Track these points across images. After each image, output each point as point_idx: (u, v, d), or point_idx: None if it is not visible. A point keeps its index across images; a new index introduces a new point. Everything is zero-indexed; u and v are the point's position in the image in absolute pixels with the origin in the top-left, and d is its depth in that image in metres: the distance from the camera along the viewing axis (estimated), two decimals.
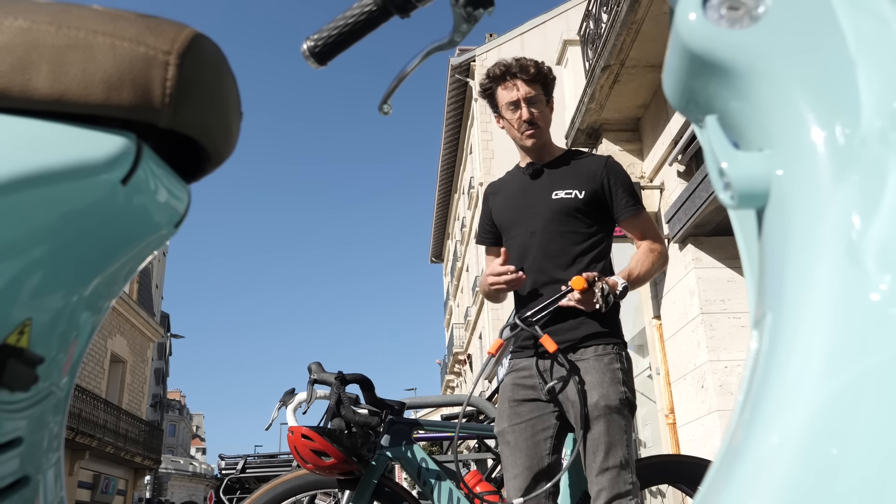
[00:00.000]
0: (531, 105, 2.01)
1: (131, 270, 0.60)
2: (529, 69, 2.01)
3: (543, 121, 2.05)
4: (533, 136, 2.03)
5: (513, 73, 2.02)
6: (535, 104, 2.02)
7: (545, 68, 2.05)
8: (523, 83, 2.01)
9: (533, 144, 2.05)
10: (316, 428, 2.22)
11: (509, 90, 2.02)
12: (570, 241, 1.97)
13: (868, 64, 0.45)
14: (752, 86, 0.48)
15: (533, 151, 2.09)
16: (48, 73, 0.50)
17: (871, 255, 0.40)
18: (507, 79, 2.02)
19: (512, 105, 2.03)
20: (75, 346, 0.58)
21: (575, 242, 1.96)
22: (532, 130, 2.03)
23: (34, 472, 0.55)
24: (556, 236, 1.97)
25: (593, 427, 1.82)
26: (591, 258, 1.97)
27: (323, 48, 0.84)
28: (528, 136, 2.03)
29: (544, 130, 2.06)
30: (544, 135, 2.07)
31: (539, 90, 2.03)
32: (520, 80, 2.01)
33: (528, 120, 2.01)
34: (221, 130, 0.60)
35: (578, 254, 1.96)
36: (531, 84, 2.01)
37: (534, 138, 2.04)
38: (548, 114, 2.07)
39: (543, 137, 2.07)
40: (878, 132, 0.43)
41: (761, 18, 0.48)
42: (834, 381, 0.38)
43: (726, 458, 0.44)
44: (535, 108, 2.02)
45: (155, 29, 0.53)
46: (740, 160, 0.48)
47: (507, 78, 2.02)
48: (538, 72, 2.02)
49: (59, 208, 0.51)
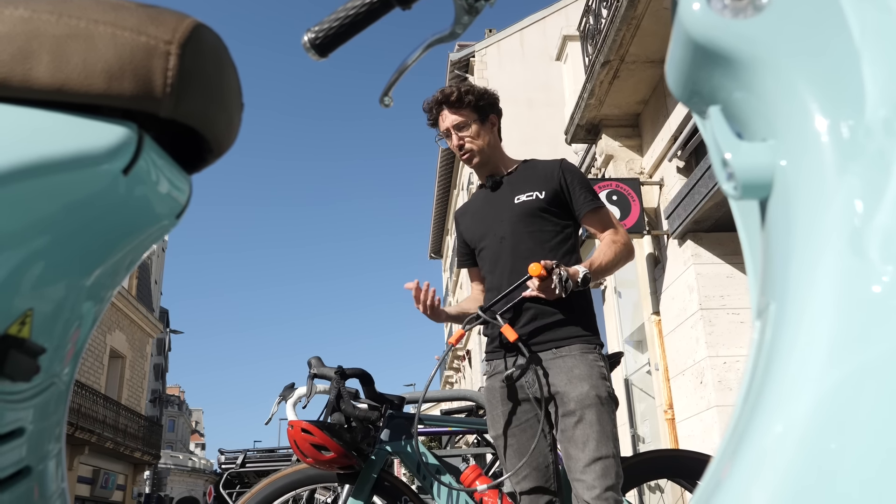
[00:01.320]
0: (459, 130, 2.08)
1: (133, 261, 0.60)
2: (451, 97, 2.08)
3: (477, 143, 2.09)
4: (468, 161, 2.12)
5: (439, 102, 2.09)
6: (462, 129, 2.08)
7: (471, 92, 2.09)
8: (449, 112, 2.08)
9: (474, 165, 2.13)
10: (316, 422, 2.23)
11: (441, 121, 2.11)
12: (539, 240, 2.01)
13: (872, 54, 0.44)
14: (755, 76, 0.48)
15: (482, 169, 2.16)
16: (49, 62, 0.50)
17: (874, 246, 0.40)
18: (436, 111, 2.11)
19: (445, 134, 2.11)
20: (77, 336, 0.58)
21: (543, 241, 2.01)
22: (466, 156, 2.10)
23: (36, 463, 0.55)
24: (524, 237, 2.02)
25: (584, 417, 1.82)
26: (561, 254, 2.01)
27: (324, 40, 0.84)
28: (466, 161, 2.12)
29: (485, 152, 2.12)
30: (487, 155, 2.12)
31: (468, 114, 2.08)
32: (445, 110, 2.09)
33: (458, 146, 2.09)
34: (223, 121, 0.59)
35: (548, 251, 2.00)
36: (457, 111, 2.07)
37: (470, 161, 2.12)
38: (485, 133, 2.11)
39: (486, 157, 2.12)
40: (882, 122, 0.43)
41: (765, 8, 0.47)
42: (837, 371, 0.38)
43: (729, 447, 0.44)
44: (465, 133, 2.08)
45: (156, 18, 0.53)
46: (744, 151, 0.48)
47: (435, 110, 2.11)
48: (460, 97, 2.07)
49: (60, 198, 0.50)
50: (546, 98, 15.20)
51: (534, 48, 16.90)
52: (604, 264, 1.97)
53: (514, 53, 16.97)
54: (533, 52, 16.80)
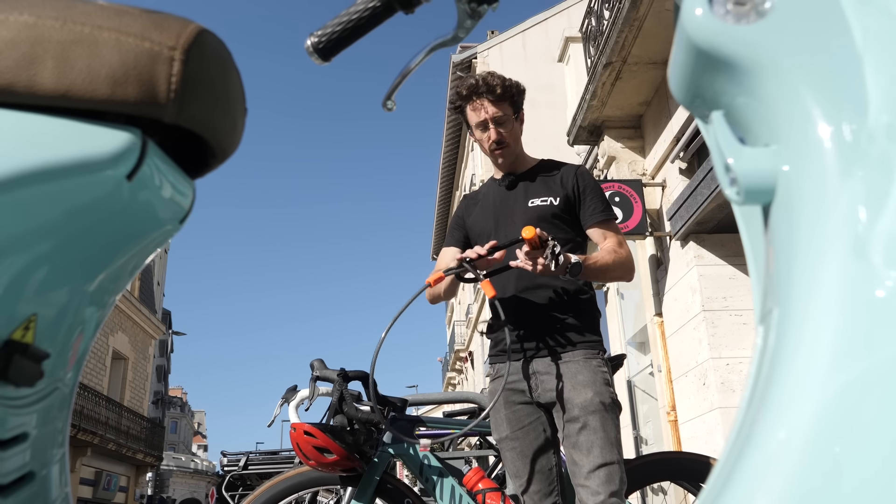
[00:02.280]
0: (499, 125, 2.03)
1: (136, 266, 0.60)
2: (496, 89, 2.02)
3: (512, 138, 2.07)
4: (503, 155, 2.08)
5: (480, 92, 2.03)
6: (502, 124, 2.04)
7: (512, 85, 2.06)
8: (490, 103, 2.02)
9: (503, 162, 2.10)
10: (318, 425, 2.23)
11: (477, 111, 2.04)
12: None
13: (875, 59, 0.44)
14: (758, 81, 0.48)
15: (505, 166, 2.13)
16: (53, 68, 0.50)
17: (878, 251, 0.40)
18: (475, 98, 2.04)
19: (480, 125, 2.05)
20: (80, 341, 0.58)
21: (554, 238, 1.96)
22: (501, 150, 2.06)
23: (39, 468, 0.55)
24: None
25: (589, 423, 1.81)
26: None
27: (327, 44, 0.84)
28: (498, 156, 2.07)
29: (513, 147, 2.09)
30: (514, 151, 2.10)
31: (507, 108, 2.04)
32: (486, 99, 2.02)
33: (496, 140, 2.04)
34: (226, 126, 0.59)
35: None
36: (498, 104, 2.02)
37: (504, 157, 2.08)
38: (517, 129, 2.10)
39: (514, 153, 2.10)
40: (885, 127, 0.43)
41: (768, 14, 0.48)
42: (841, 377, 0.38)
43: (733, 453, 0.44)
44: (503, 128, 2.04)
45: (160, 24, 0.53)
46: (746, 156, 0.48)
47: (475, 98, 2.04)
48: (505, 91, 2.03)
49: (65, 204, 0.51)
50: (548, 99, 15.19)
51: (536, 50, 16.90)
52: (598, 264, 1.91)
53: (516, 55, 16.97)
54: (535, 54, 16.80)
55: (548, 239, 1.75)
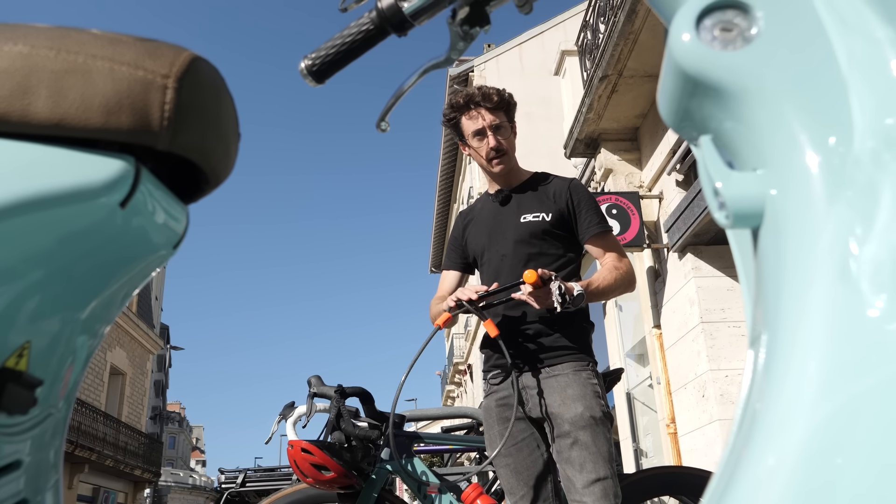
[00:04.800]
0: (496, 133, 2.04)
1: (128, 294, 0.60)
2: (493, 97, 2.04)
3: (509, 147, 2.08)
4: (501, 164, 2.07)
5: (476, 101, 2.04)
6: (499, 131, 2.05)
7: (507, 95, 2.08)
8: (487, 111, 2.03)
9: (501, 171, 2.09)
10: (316, 441, 2.22)
11: (474, 119, 2.05)
12: (540, 263, 1.97)
13: (860, 84, 0.45)
14: (745, 106, 0.49)
15: (501, 178, 2.12)
16: (47, 97, 0.50)
17: (865, 276, 0.40)
18: (471, 108, 2.05)
19: (478, 134, 2.05)
20: (71, 371, 0.58)
21: (544, 264, 1.97)
22: (499, 158, 2.06)
23: (33, 495, 0.55)
24: (525, 258, 1.99)
25: (579, 438, 1.81)
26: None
27: (321, 67, 0.84)
28: (497, 164, 2.07)
29: (511, 156, 2.10)
30: (511, 160, 2.10)
31: (503, 117, 2.05)
32: (483, 108, 2.03)
33: (495, 147, 2.04)
34: (220, 152, 0.60)
35: None
36: (495, 112, 2.04)
37: (502, 165, 2.07)
38: (512, 140, 2.11)
39: (511, 163, 2.10)
40: (870, 152, 0.43)
41: (754, 40, 0.48)
42: (829, 403, 0.38)
43: (723, 476, 0.44)
44: (501, 136, 2.05)
45: (153, 53, 0.54)
46: (734, 180, 0.48)
47: (471, 107, 2.05)
48: (500, 99, 2.05)
49: (58, 231, 0.51)
50: (545, 112, 15.25)
51: (532, 63, 16.99)
52: (601, 287, 1.92)
53: (512, 68, 17.05)
54: (531, 67, 16.88)
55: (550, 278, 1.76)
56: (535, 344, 1.93)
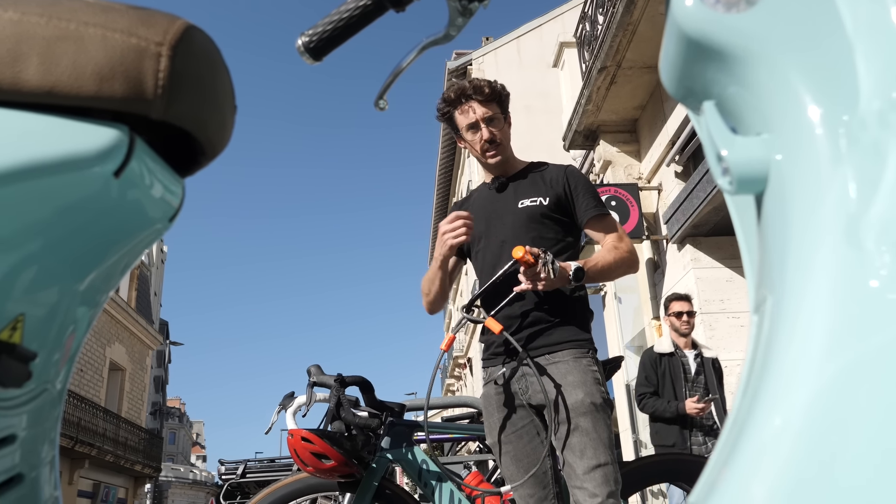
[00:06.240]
0: (489, 124, 2.04)
1: (127, 265, 0.59)
2: (484, 89, 2.04)
3: (503, 138, 2.08)
4: (496, 155, 2.07)
5: (468, 95, 2.04)
6: (493, 123, 2.05)
7: (499, 87, 2.08)
8: (479, 104, 2.03)
9: (496, 162, 2.09)
10: (316, 431, 2.21)
11: (466, 113, 2.05)
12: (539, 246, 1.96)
13: (866, 46, 0.44)
14: (749, 70, 0.48)
15: (496, 168, 2.12)
16: (38, 64, 0.49)
17: (870, 237, 0.40)
18: (463, 101, 2.05)
19: (471, 127, 2.06)
20: (72, 340, 0.57)
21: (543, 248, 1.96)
22: (494, 150, 2.06)
23: (28, 470, 0.55)
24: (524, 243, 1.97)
25: (580, 425, 1.81)
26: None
27: (318, 43, 0.83)
28: (491, 156, 2.07)
29: (505, 147, 2.10)
30: (506, 151, 2.11)
31: (495, 109, 2.05)
32: (475, 101, 2.04)
33: (488, 139, 2.04)
34: (215, 122, 0.59)
35: None
36: (487, 104, 2.04)
37: (497, 156, 2.08)
38: (507, 130, 2.11)
39: (506, 153, 2.11)
40: (876, 114, 0.42)
41: (758, 2, 0.47)
42: (835, 363, 0.38)
43: (728, 441, 0.43)
44: (494, 127, 2.05)
45: (147, 20, 0.53)
46: (739, 145, 0.48)
47: (463, 101, 2.05)
48: (492, 91, 2.05)
49: (51, 202, 0.50)
50: (544, 105, 15.22)
51: (531, 55, 16.95)
52: (600, 266, 1.92)
53: (511, 61, 17.01)
54: (530, 60, 16.84)
55: (539, 252, 1.76)
56: (535, 331, 1.93)
